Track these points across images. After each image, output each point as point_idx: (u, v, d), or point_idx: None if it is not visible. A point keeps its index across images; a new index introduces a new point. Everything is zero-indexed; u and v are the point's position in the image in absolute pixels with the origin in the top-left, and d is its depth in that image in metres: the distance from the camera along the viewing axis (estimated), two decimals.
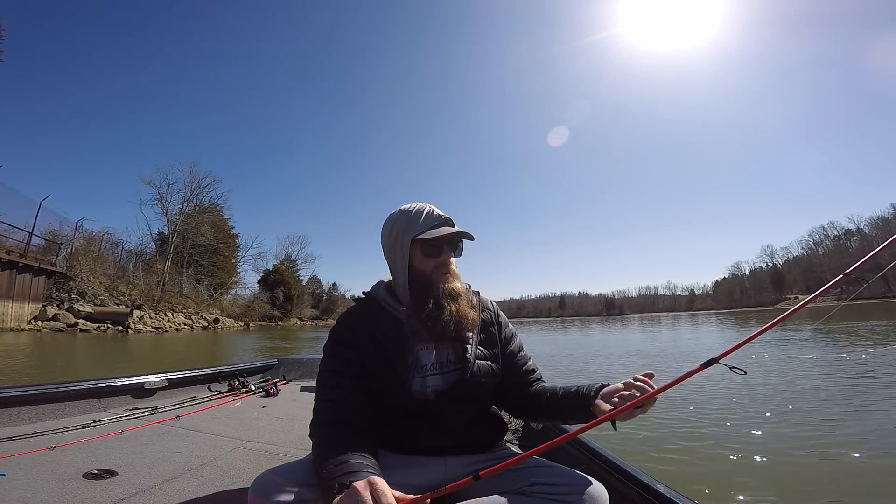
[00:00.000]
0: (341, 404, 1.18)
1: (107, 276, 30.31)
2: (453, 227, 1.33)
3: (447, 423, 1.25)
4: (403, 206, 1.35)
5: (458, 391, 1.26)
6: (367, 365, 1.24)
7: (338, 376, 1.23)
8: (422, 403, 1.24)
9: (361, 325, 1.30)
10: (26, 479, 1.84)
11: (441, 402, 1.25)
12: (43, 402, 2.75)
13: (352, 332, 1.29)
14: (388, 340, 1.26)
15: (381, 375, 1.23)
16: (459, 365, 1.28)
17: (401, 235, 1.31)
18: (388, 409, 1.25)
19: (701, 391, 5.44)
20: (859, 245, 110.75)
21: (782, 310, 1.86)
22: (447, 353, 1.29)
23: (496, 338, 1.39)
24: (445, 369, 1.28)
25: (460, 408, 1.27)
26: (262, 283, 54.06)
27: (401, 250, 1.30)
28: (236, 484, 1.90)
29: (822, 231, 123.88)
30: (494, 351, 1.36)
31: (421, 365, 1.26)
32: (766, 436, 3.79)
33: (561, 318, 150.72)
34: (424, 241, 1.28)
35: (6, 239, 22.60)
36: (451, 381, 1.26)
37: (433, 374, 1.26)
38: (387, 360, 1.24)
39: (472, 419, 1.31)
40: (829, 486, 2.81)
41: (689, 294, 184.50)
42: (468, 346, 1.30)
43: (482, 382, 1.30)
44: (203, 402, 3.39)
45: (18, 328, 20.88)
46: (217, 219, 47.43)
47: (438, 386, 1.25)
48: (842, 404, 4.79)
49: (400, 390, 1.23)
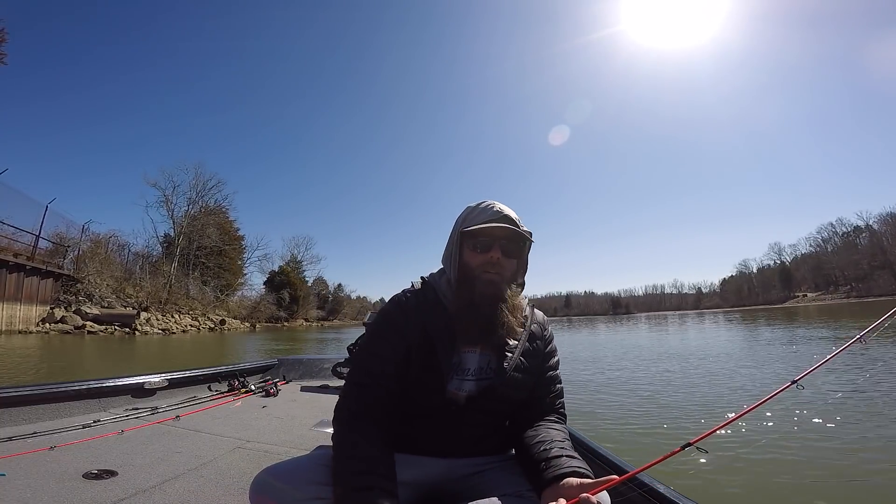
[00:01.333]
0: (373, 391, 1.15)
1: (114, 279, 30.52)
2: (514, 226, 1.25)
3: (463, 431, 1.22)
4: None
5: (486, 399, 1.21)
6: (412, 356, 1.19)
7: (379, 360, 1.19)
8: (447, 406, 1.19)
9: (416, 313, 1.24)
10: (26, 479, 1.84)
11: (465, 409, 1.20)
12: (43, 402, 2.76)
13: (406, 317, 1.23)
14: (438, 335, 1.20)
15: (421, 369, 1.19)
16: (497, 373, 1.22)
17: (457, 227, 1.29)
18: (413, 404, 1.21)
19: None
20: (868, 242, 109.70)
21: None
22: (489, 360, 1.23)
23: (541, 352, 1.32)
24: (483, 376, 1.22)
25: (481, 419, 1.23)
26: (268, 284, 54.47)
27: (454, 242, 1.28)
28: (236, 484, 1.89)
29: (831, 228, 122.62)
30: (534, 365, 1.29)
31: (463, 368, 1.21)
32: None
33: (567, 317, 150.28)
34: (470, 232, 1.24)
35: (14, 242, 22.77)
36: (482, 388, 1.21)
37: (470, 380, 1.21)
38: (432, 356, 1.18)
39: (491, 430, 1.28)
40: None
41: (696, 292, 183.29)
42: (509, 353, 1.24)
43: (512, 394, 1.24)
44: (203, 402, 3.40)
45: (27, 330, 21.05)
46: (223, 220, 47.72)
47: (471, 391, 1.20)
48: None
49: (436, 389, 1.18)
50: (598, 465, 1.64)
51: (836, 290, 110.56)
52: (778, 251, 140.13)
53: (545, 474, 1.03)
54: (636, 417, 4.77)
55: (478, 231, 1.22)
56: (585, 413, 5.02)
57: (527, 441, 1.18)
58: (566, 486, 0.97)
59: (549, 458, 1.07)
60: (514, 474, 1.16)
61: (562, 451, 1.09)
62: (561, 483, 0.98)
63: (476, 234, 1.23)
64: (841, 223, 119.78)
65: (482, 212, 1.26)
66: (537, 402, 1.29)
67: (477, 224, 1.23)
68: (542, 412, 1.28)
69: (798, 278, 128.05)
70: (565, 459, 1.05)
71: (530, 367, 1.27)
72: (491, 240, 1.23)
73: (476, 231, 1.23)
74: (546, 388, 1.31)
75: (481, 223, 1.22)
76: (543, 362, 1.32)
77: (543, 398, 1.30)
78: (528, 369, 1.26)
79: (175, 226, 42.96)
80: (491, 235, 1.23)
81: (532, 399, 1.29)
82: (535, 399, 1.29)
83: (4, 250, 21.13)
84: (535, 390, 1.29)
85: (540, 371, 1.31)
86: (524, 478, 1.13)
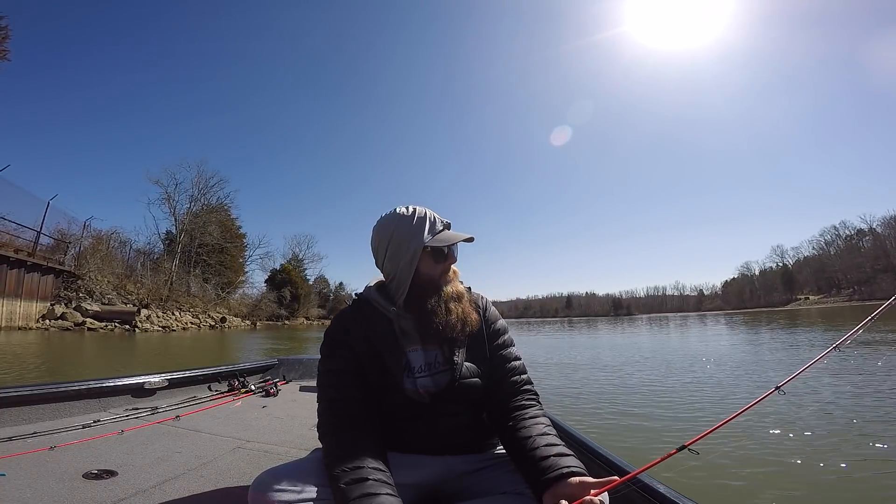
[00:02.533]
0: (342, 402, 1.19)
1: (115, 276, 30.61)
2: (450, 230, 1.35)
3: (443, 424, 1.26)
4: (398, 210, 1.33)
5: (450, 392, 1.24)
6: (364, 364, 1.24)
7: (336, 375, 1.23)
8: (418, 404, 1.23)
9: (356, 326, 1.30)
10: (26, 479, 1.83)
11: (436, 404, 1.24)
12: (43, 402, 2.75)
13: (347, 332, 1.29)
14: (380, 340, 1.26)
15: (376, 374, 1.23)
16: (447, 366, 1.26)
17: (407, 241, 1.28)
18: (386, 408, 1.24)
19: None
20: (872, 245, 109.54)
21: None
22: (435, 355, 1.28)
23: (483, 335, 1.35)
24: (434, 370, 1.26)
25: (455, 409, 1.27)
26: (269, 282, 54.52)
27: (408, 256, 1.28)
28: (236, 484, 1.88)
29: (834, 231, 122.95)
30: (482, 350, 1.33)
31: (411, 367, 1.26)
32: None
33: (568, 318, 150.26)
34: (436, 248, 1.29)
35: (15, 238, 22.82)
36: (442, 383, 1.25)
37: (422, 376, 1.26)
38: (381, 360, 1.24)
39: (468, 421, 1.30)
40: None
41: (698, 294, 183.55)
42: (456, 347, 1.28)
43: (473, 383, 1.27)
44: (203, 402, 3.39)
45: (27, 327, 21.11)
46: (224, 218, 47.84)
47: (429, 387, 1.24)
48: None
49: (394, 389, 1.22)
50: (597, 466, 1.63)
51: (838, 293, 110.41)
52: (780, 253, 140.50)
53: (542, 476, 1.02)
54: (628, 419, 4.81)
55: (444, 246, 1.29)
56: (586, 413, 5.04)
57: (514, 434, 1.18)
58: (566, 486, 0.98)
59: (544, 456, 1.07)
60: (512, 472, 1.17)
61: (553, 448, 1.09)
62: (560, 483, 0.99)
63: (441, 248, 1.29)
64: (844, 226, 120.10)
65: (431, 224, 1.30)
66: (500, 383, 1.30)
67: (443, 241, 1.29)
68: (510, 395, 1.29)
69: (800, 281, 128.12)
70: (559, 459, 1.05)
71: (479, 353, 1.31)
72: (449, 249, 1.32)
73: (442, 246, 1.29)
74: (503, 368, 1.32)
75: (443, 239, 1.29)
76: (491, 343, 1.35)
77: (504, 379, 1.31)
78: (478, 356, 1.31)
79: (177, 223, 43.14)
80: (450, 246, 1.31)
81: (494, 382, 1.30)
82: (497, 381, 1.30)
83: (5, 246, 21.19)
84: (494, 372, 1.31)
85: (490, 354, 1.33)
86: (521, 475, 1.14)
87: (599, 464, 1.64)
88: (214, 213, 46.26)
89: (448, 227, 1.34)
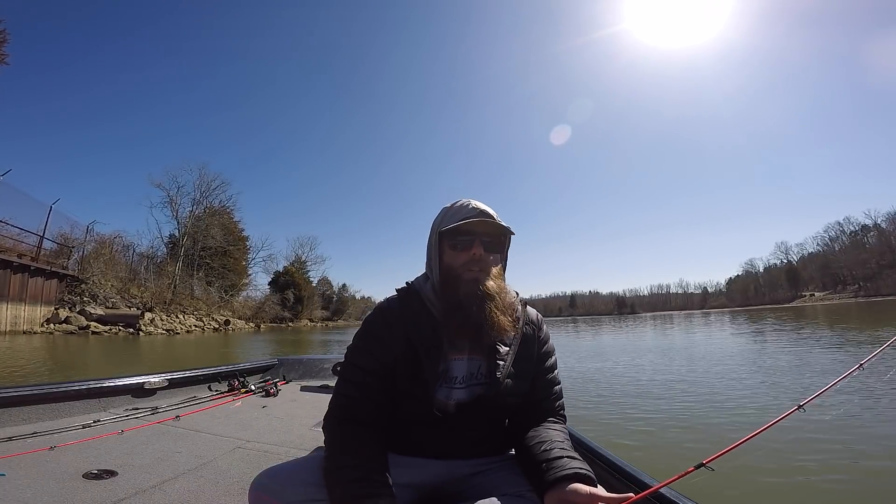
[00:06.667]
0: (360, 403, 1.15)
1: (118, 279, 30.67)
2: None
3: (459, 436, 1.20)
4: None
5: (478, 406, 1.18)
6: (397, 367, 1.17)
7: (362, 372, 1.18)
8: (439, 414, 1.17)
9: (399, 322, 1.21)
10: (26, 479, 1.83)
11: (458, 416, 1.17)
12: (43, 402, 2.76)
13: (389, 328, 1.21)
14: (422, 344, 1.17)
15: (407, 379, 1.16)
16: (488, 380, 1.18)
17: (435, 229, 1.26)
18: (405, 412, 1.20)
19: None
20: (877, 241, 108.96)
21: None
22: (479, 366, 1.19)
23: (535, 355, 1.27)
24: (474, 382, 1.19)
25: (476, 424, 1.21)
26: (272, 284, 54.61)
27: (433, 245, 1.26)
28: (236, 484, 1.88)
29: (838, 227, 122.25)
30: (528, 369, 1.25)
31: (451, 376, 1.18)
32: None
33: (572, 316, 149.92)
34: (448, 232, 1.21)
35: (19, 243, 22.93)
36: (474, 395, 1.18)
37: (460, 388, 1.18)
38: (417, 366, 1.16)
39: (488, 432, 1.26)
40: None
41: (702, 292, 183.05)
42: (501, 361, 1.19)
43: (505, 400, 1.20)
44: (203, 402, 3.39)
45: (31, 331, 21.18)
46: (227, 221, 47.87)
47: (461, 399, 1.18)
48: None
49: (423, 398, 1.15)
50: (616, 479, 1.53)
51: (843, 289, 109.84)
52: (785, 250, 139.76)
53: (546, 476, 1.01)
54: (636, 426, 4.71)
55: (456, 229, 1.19)
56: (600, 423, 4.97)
57: (526, 442, 1.16)
58: (574, 491, 0.95)
59: (549, 458, 1.05)
60: (515, 474, 1.15)
61: (562, 451, 1.07)
62: (567, 488, 0.96)
63: (455, 232, 1.20)
64: (848, 222, 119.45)
65: (458, 210, 1.23)
66: (535, 405, 1.26)
67: (454, 222, 1.19)
68: (542, 415, 1.25)
69: (805, 278, 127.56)
70: (566, 460, 1.03)
71: (524, 372, 1.23)
72: (471, 236, 1.20)
73: (454, 229, 1.19)
74: (543, 391, 1.28)
75: (459, 220, 1.19)
76: (538, 365, 1.28)
77: (541, 401, 1.27)
78: (522, 374, 1.22)
79: (179, 226, 43.22)
80: (470, 232, 1.19)
81: (529, 402, 1.26)
82: (533, 402, 1.26)
83: (9, 251, 21.29)
84: (532, 394, 1.26)
85: (535, 374, 1.27)
86: (524, 478, 1.12)
87: (618, 477, 1.53)
88: (217, 215, 46.29)
89: (484, 216, 1.21)
